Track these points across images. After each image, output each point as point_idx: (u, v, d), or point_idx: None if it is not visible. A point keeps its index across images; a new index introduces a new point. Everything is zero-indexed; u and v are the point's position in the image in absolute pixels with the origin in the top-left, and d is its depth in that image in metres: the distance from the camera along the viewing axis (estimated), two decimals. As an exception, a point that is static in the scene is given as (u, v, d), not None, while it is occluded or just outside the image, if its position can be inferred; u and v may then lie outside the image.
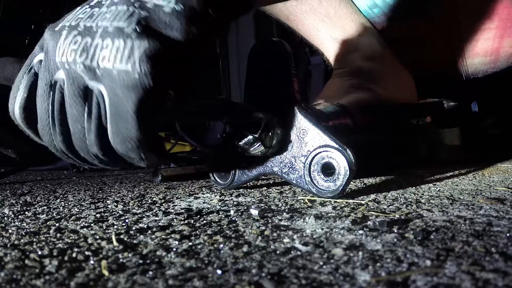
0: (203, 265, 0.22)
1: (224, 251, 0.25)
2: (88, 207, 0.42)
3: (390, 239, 0.26)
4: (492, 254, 0.22)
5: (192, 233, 0.29)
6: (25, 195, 0.54)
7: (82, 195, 0.51)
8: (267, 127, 0.42)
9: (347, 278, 0.20)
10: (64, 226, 0.33)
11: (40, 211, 0.41)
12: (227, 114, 0.40)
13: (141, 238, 0.28)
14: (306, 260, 0.22)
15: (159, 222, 0.33)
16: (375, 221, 0.29)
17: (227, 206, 0.40)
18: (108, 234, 0.30)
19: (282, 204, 0.39)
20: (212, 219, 0.34)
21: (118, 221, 0.34)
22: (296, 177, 0.42)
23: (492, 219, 0.30)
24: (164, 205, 0.42)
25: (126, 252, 0.25)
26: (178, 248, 0.26)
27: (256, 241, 0.27)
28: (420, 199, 0.39)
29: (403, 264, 0.21)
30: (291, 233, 0.28)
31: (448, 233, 0.26)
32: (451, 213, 0.32)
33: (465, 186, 0.46)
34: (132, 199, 0.46)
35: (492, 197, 0.38)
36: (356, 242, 0.26)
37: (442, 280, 0.19)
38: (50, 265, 0.23)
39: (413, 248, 0.24)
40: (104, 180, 0.73)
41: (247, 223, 0.32)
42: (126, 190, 0.55)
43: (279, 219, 0.33)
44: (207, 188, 0.53)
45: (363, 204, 0.38)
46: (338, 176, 0.39)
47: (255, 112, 0.42)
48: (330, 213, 0.34)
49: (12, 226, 0.33)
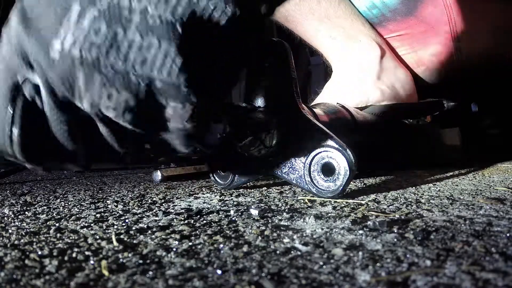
0: (203, 265, 0.22)
1: (224, 251, 0.25)
2: (88, 207, 0.42)
3: (390, 239, 0.26)
4: (492, 254, 0.22)
5: (192, 233, 0.29)
6: (25, 195, 0.54)
7: (82, 195, 0.51)
8: (267, 127, 0.42)
9: (347, 278, 0.20)
10: (64, 226, 0.33)
11: (40, 211, 0.41)
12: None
13: (141, 238, 0.28)
14: (306, 260, 0.22)
15: (159, 222, 0.33)
16: (375, 221, 0.29)
17: (227, 206, 0.40)
18: (108, 234, 0.30)
19: (282, 204, 0.39)
20: (212, 219, 0.34)
21: (118, 221, 0.34)
22: (296, 177, 0.42)
23: (492, 219, 0.30)
24: (164, 205, 0.42)
25: (126, 252, 0.25)
26: (178, 248, 0.26)
27: (256, 241, 0.27)
28: (420, 199, 0.39)
29: (403, 264, 0.21)
30: (291, 233, 0.28)
31: (448, 233, 0.26)
32: (451, 213, 0.32)
33: (465, 186, 0.46)
34: (132, 199, 0.46)
35: (492, 197, 0.38)
36: (356, 242, 0.25)
37: (442, 280, 0.19)
38: (50, 265, 0.23)
39: (413, 248, 0.24)
40: (104, 180, 0.73)
41: (247, 223, 0.32)
42: (126, 190, 0.55)
43: (279, 219, 0.33)
44: (207, 188, 0.53)
45: (363, 204, 0.38)
46: (338, 176, 0.39)
47: (255, 112, 0.42)
48: (330, 213, 0.34)
49: (12, 226, 0.33)
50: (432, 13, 0.74)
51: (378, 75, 0.74)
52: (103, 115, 0.28)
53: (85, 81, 0.27)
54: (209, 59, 0.29)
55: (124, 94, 0.27)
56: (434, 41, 0.77)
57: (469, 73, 0.80)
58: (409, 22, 0.75)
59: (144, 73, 0.27)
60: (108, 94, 0.27)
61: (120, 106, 0.28)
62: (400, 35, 0.77)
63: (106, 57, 0.27)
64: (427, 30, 0.76)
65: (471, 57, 0.77)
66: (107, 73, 0.27)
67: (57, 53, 0.27)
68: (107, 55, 0.27)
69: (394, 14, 0.75)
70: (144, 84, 0.27)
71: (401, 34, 0.77)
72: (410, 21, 0.75)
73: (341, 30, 0.75)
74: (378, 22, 0.76)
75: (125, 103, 0.28)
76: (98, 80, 0.27)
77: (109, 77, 0.27)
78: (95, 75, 0.27)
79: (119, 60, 0.27)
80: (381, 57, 0.75)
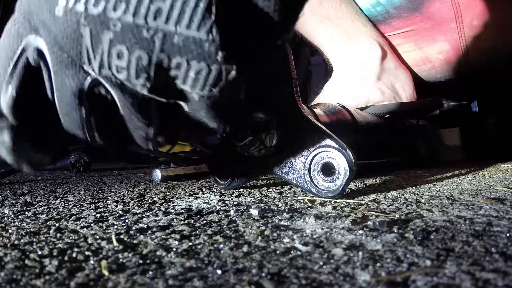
0: (203, 265, 0.22)
1: (224, 251, 0.25)
2: (88, 207, 0.42)
3: (390, 239, 0.26)
4: (492, 254, 0.22)
5: (192, 233, 0.29)
6: (25, 195, 0.54)
7: (82, 195, 0.51)
8: (267, 127, 0.42)
9: (347, 278, 0.20)
10: (64, 226, 0.33)
11: (40, 211, 0.41)
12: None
13: (141, 238, 0.28)
14: (306, 260, 0.22)
15: (159, 222, 0.33)
16: (375, 221, 0.29)
17: (227, 206, 0.40)
18: (108, 234, 0.30)
19: (282, 204, 0.39)
20: (212, 219, 0.34)
21: (118, 221, 0.34)
22: (296, 177, 0.42)
23: (492, 219, 0.30)
24: (164, 205, 0.42)
25: (126, 252, 0.25)
26: (178, 248, 0.26)
27: (256, 241, 0.27)
28: (420, 199, 0.39)
29: (403, 264, 0.21)
30: (291, 233, 0.28)
31: (448, 233, 0.26)
32: (451, 213, 0.32)
33: (465, 186, 0.46)
34: (132, 199, 0.46)
35: (492, 197, 0.38)
36: (356, 242, 0.25)
37: (442, 280, 0.19)
38: (50, 265, 0.23)
39: (413, 248, 0.24)
40: (104, 180, 0.73)
41: (247, 223, 0.32)
42: (126, 190, 0.55)
43: (279, 219, 0.33)
44: (207, 188, 0.53)
45: (363, 204, 0.38)
46: (338, 176, 0.39)
47: (255, 112, 0.42)
48: (330, 213, 0.34)
49: (12, 226, 0.33)
50: (439, 9, 0.72)
51: (378, 75, 0.74)
52: (115, 79, 0.25)
53: (91, 39, 0.24)
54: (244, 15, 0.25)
55: (136, 52, 0.24)
56: (440, 38, 0.76)
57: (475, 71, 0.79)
58: (415, 19, 0.74)
59: (158, 27, 0.23)
60: (118, 52, 0.24)
61: (132, 66, 0.24)
62: (405, 32, 0.76)
63: (113, 10, 0.24)
64: (433, 27, 0.75)
65: (478, 55, 0.76)
66: (115, 28, 0.24)
67: (62, 9, 0.24)
68: (114, 8, 0.24)
69: (399, 11, 0.74)
70: (159, 39, 0.24)
71: (406, 31, 0.76)
72: (415, 18, 0.74)
73: (342, 30, 0.75)
74: (382, 20, 0.76)
75: (137, 61, 0.24)
76: (106, 37, 0.24)
77: (117, 33, 0.24)
78: (102, 32, 0.24)
79: (128, 13, 0.23)
80: (381, 57, 0.75)
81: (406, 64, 0.80)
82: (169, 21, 0.23)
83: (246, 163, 0.46)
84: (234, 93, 0.26)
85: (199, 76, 0.24)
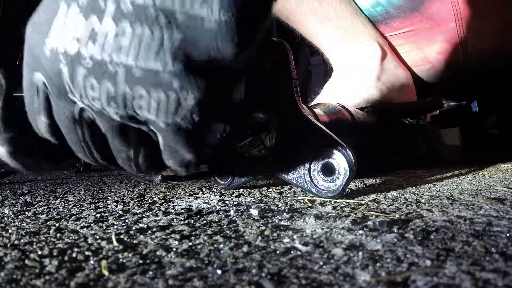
0: (203, 265, 0.22)
1: (224, 251, 0.25)
2: (88, 207, 0.42)
3: (390, 239, 0.26)
4: (492, 254, 0.22)
5: (192, 233, 0.29)
6: (25, 195, 0.54)
7: (82, 195, 0.51)
8: (267, 127, 0.42)
9: (347, 278, 0.20)
10: (64, 226, 0.33)
11: (40, 211, 0.41)
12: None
13: (141, 238, 0.28)
14: (306, 260, 0.22)
15: (159, 222, 0.33)
16: (375, 221, 0.29)
17: (227, 206, 0.40)
18: (108, 234, 0.30)
19: (282, 204, 0.39)
20: (212, 219, 0.34)
21: (118, 221, 0.34)
22: (296, 177, 0.42)
23: (492, 219, 0.30)
24: (164, 205, 0.42)
25: (126, 252, 0.25)
26: (178, 248, 0.26)
27: (256, 241, 0.27)
28: (420, 199, 0.39)
29: (403, 264, 0.21)
30: (291, 233, 0.28)
31: (448, 233, 0.26)
32: (451, 213, 0.32)
33: (465, 186, 0.46)
34: (132, 199, 0.46)
35: (492, 197, 0.38)
36: (356, 242, 0.25)
37: (442, 280, 0.19)
38: (50, 265, 0.23)
39: (413, 248, 0.24)
40: (104, 180, 0.73)
41: (247, 223, 0.32)
42: (126, 190, 0.55)
43: (279, 219, 0.33)
44: (207, 188, 0.53)
45: (363, 204, 0.38)
46: (338, 176, 0.39)
47: (255, 112, 0.42)
48: (330, 213, 0.34)
49: (12, 226, 0.33)
50: (439, 10, 0.72)
51: (378, 75, 0.74)
52: (94, 107, 0.28)
53: (69, 75, 0.27)
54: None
55: (105, 84, 0.27)
56: (440, 38, 0.76)
57: (475, 71, 0.79)
58: (414, 19, 0.74)
59: (121, 61, 0.26)
60: (91, 85, 0.27)
61: (103, 96, 0.27)
62: (404, 32, 0.76)
63: (85, 49, 0.26)
64: (433, 27, 0.75)
65: (478, 55, 0.76)
66: (87, 65, 0.27)
67: (48, 50, 0.28)
68: (86, 46, 0.26)
69: (398, 11, 0.74)
70: (122, 72, 0.26)
71: (405, 31, 0.76)
72: (415, 18, 0.74)
73: (342, 30, 0.75)
74: (381, 20, 0.76)
75: (107, 92, 0.27)
76: (80, 72, 0.27)
77: (89, 69, 0.27)
78: (77, 69, 0.27)
79: (96, 51, 0.26)
80: (381, 57, 0.74)
81: (406, 64, 0.80)
82: (129, 55, 0.26)
83: (246, 163, 0.46)
84: (200, 121, 0.28)
85: (160, 105, 0.27)
